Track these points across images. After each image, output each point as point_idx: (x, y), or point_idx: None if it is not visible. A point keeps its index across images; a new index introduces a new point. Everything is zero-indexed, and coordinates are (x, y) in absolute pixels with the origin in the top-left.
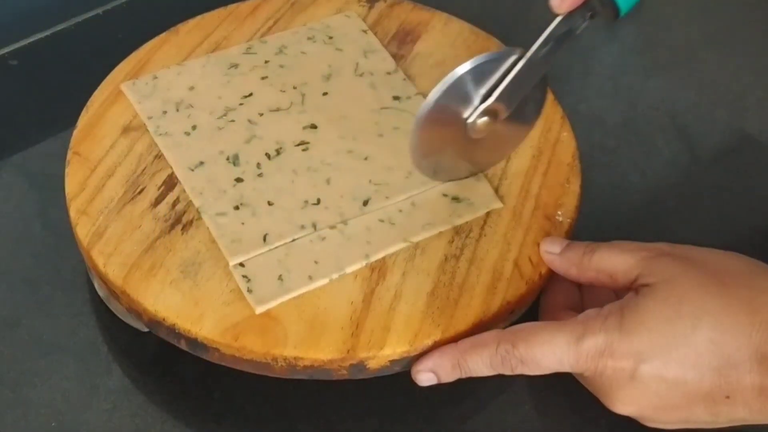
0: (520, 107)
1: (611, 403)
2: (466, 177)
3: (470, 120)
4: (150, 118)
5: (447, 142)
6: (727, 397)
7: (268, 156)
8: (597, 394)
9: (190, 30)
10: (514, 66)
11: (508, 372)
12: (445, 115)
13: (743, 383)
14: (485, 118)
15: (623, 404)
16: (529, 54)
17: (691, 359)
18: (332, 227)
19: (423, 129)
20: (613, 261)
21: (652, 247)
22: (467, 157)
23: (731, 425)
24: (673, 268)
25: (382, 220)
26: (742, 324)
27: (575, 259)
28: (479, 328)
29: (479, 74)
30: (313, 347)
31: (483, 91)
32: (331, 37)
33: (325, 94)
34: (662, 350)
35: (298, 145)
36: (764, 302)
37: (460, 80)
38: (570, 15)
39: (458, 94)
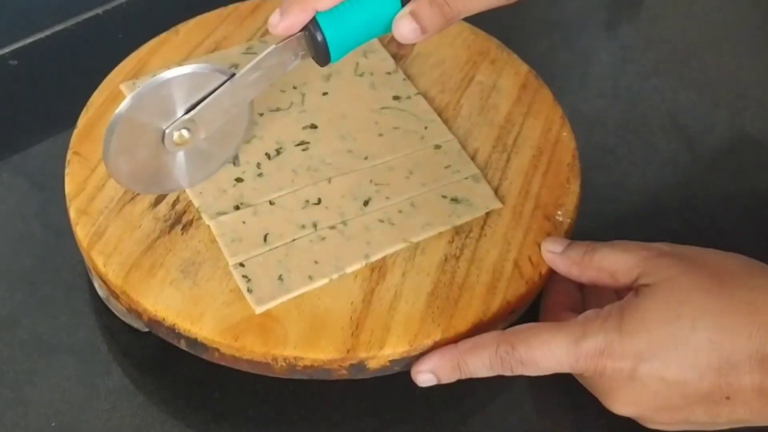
0: (223, 130)
1: (611, 403)
2: (163, 193)
3: (168, 130)
4: None
5: (143, 149)
6: (727, 397)
7: (268, 156)
8: (597, 395)
9: (190, 30)
10: (221, 86)
11: (507, 373)
12: (144, 118)
13: (743, 384)
14: (184, 132)
15: (623, 405)
16: (236, 77)
17: (690, 360)
18: (332, 227)
19: (120, 127)
20: (614, 260)
21: (653, 246)
22: (164, 170)
23: (731, 427)
24: (674, 268)
25: (381, 221)
26: (742, 324)
27: (576, 258)
28: (479, 328)
29: (187, 86)
30: (313, 347)
31: (187, 104)
32: None
33: (325, 94)
34: (662, 350)
35: (298, 144)
36: (764, 303)
37: (165, 85)
38: (283, 49)
39: (161, 100)
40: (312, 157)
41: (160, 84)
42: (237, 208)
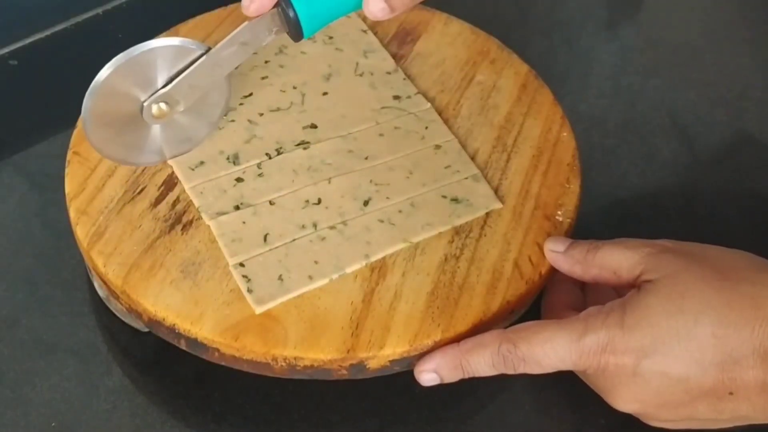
0: (200, 104)
1: (614, 400)
2: (139, 165)
3: (146, 103)
4: None
5: (121, 118)
6: (731, 393)
7: (268, 156)
8: (600, 392)
9: (190, 30)
10: (198, 60)
11: (510, 371)
12: (122, 87)
13: (746, 379)
14: (162, 105)
15: (625, 401)
16: (211, 51)
17: (693, 354)
18: (332, 227)
19: (99, 92)
20: (617, 257)
21: (656, 243)
22: (142, 142)
23: (734, 424)
24: (676, 263)
25: (381, 221)
26: (745, 319)
27: (579, 257)
28: (479, 328)
29: (168, 59)
30: (313, 347)
31: (165, 77)
32: (331, 37)
33: (325, 94)
34: (664, 345)
35: (299, 144)
36: (767, 297)
37: (145, 56)
38: (256, 24)
39: (140, 71)
40: (312, 157)
41: (140, 54)
42: (237, 208)
